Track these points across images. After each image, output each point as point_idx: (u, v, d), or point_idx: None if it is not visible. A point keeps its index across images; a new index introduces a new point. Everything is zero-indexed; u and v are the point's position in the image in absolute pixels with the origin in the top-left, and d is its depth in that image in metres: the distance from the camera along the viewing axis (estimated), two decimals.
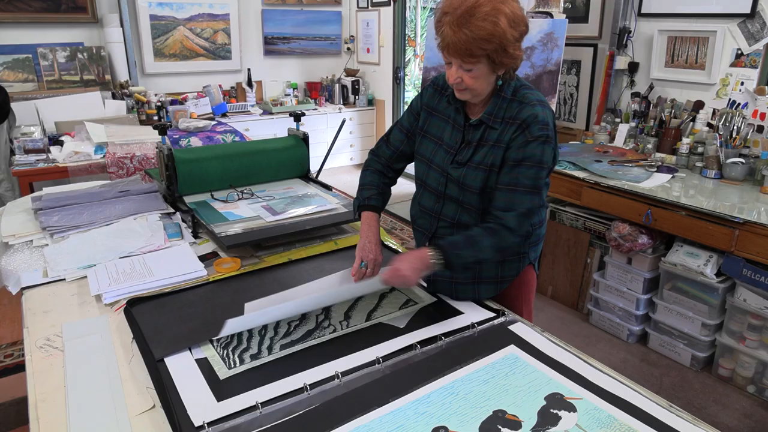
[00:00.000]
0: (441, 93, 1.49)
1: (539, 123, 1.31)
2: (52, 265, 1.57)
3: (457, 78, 1.30)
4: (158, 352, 1.18)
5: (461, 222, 1.45)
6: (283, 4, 5.55)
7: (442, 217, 1.47)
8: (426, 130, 1.50)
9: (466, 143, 1.41)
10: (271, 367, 1.16)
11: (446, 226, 1.47)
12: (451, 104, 1.44)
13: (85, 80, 4.39)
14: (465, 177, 1.39)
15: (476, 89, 1.32)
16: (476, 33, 1.21)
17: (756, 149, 2.68)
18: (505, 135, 1.34)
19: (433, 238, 1.50)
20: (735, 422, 2.32)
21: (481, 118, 1.37)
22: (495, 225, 1.34)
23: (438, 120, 1.48)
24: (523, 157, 1.32)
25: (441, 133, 1.46)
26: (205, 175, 2.00)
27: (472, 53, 1.24)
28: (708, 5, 2.99)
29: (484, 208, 1.41)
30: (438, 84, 1.50)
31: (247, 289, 1.49)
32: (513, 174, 1.33)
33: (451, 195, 1.44)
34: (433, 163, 1.47)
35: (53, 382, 1.12)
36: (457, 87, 1.33)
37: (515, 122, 1.33)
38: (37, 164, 2.97)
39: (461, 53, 1.25)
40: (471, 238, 1.33)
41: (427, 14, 6.25)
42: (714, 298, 2.52)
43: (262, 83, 5.56)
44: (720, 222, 2.34)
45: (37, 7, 4.23)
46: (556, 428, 0.98)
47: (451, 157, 1.42)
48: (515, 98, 1.36)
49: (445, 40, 1.26)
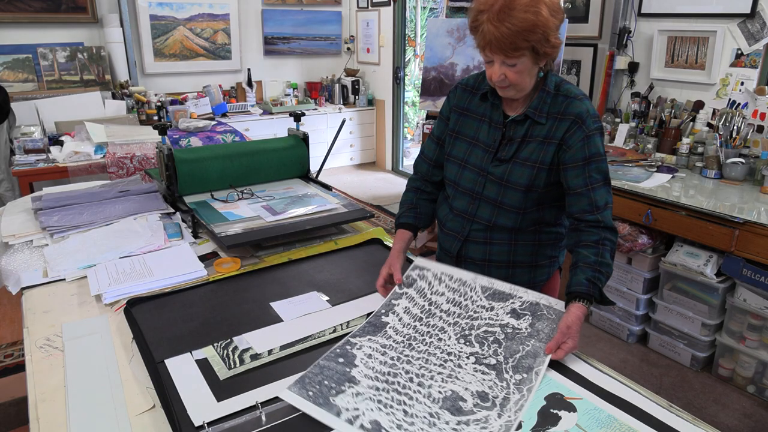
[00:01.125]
0: (472, 92, 1.47)
1: (592, 116, 1.32)
2: (52, 265, 1.57)
3: (501, 75, 1.27)
4: (158, 354, 1.18)
5: (497, 224, 1.42)
6: (283, 4, 5.55)
7: (477, 219, 1.44)
8: (458, 131, 1.48)
9: (508, 140, 1.38)
10: (271, 367, 1.16)
11: (480, 229, 1.44)
12: (486, 101, 1.42)
13: (85, 80, 4.39)
14: (510, 174, 1.37)
15: (520, 84, 1.29)
16: (519, 25, 1.19)
17: (756, 149, 2.68)
18: (557, 131, 1.33)
19: (465, 241, 1.47)
20: (735, 422, 2.32)
21: (527, 113, 1.35)
22: (597, 234, 1.30)
23: (471, 120, 1.46)
24: (589, 155, 1.31)
25: (475, 133, 1.44)
26: (205, 175, 2.00)
27: (517, 46, 1.22)
28: (708, 5, 2.99)
29: (525, 208, 1.38)
30: (468, 84, 1.48)
31: (247, 289, 1.49)
32: (585, 174, 1.32)
33: (488, 196, 1.41)
34: (468, 163, 1.44)
35: (53, 382, 1.12)
36: (500, 84, 1.30)
37: (566, 117, 1.32)
38: (37, 164, 2.97)
39: (505, 48, 1.22)
40: (596, 264, 1.27)
41: (427, 14, 6.25)
42: (714, 298, 2.52)
43: (262, 83, 5.56)
44: (720, 222, 2.34)
45: (37, 7, 4.23)
46: (556, 428, 0.98)
47: (491, 155, 1.40)
48: (559, 93, 1.35)
49: (487, 37, 1.23)
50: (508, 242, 1.44)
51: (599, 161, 1.33)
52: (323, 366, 1.11)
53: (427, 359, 1.16)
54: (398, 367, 1.13)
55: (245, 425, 0.98)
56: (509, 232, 1.43)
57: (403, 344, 1.20)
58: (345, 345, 1.18)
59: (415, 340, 1.22)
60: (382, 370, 1.12)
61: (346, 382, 1.07)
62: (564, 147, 1.33)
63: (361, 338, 1.21)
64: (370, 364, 1.13)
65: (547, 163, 1.35)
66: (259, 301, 1.41)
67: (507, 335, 1.21)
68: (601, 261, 1.28)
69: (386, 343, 1.20)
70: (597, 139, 1.32)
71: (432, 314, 1.29)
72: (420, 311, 1.30)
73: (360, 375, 1.10)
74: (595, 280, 1.25)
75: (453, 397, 1.06)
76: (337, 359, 1.13)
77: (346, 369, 1.11)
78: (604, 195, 1.33)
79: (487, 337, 1.21)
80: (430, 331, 1.24)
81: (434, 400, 1.05)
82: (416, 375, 1.11)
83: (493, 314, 1.27)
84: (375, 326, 1.25)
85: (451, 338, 1.22)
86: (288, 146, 2.21)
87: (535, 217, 1.42)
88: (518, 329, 1.22)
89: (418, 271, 1.41)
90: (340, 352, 1.15)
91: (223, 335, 1.26)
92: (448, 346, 1.20)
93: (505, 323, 1.24)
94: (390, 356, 1.16)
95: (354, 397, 1.04)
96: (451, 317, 1.28)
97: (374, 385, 1.07)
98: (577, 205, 1.34)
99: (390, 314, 1.29)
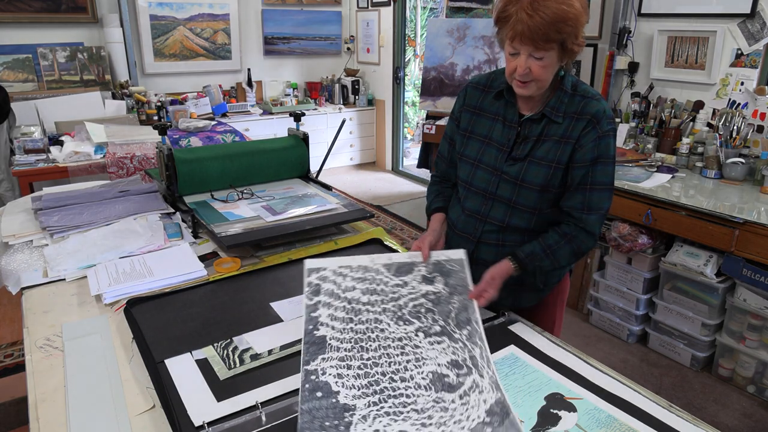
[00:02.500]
0: (484, 91, 1.45)
1: (607, 117, 1.31)
2: (52, 265, 1.57)
3: (526, 68, 1.25)
4: (158, 354, 1.18)
5: (510, 225, 1.41)
6: (283, 4, 5.55)
7: (489, 219, 1.43)
8: (471, 130, 1.46)
9: (523, 138, 1.37)
10: (271, 367, 1.16)
11: (493, 230, 1.43)
12: (500, 99, 1.41)
13: (85, 80, 4.39)
14: (526, 173, 1.35)
15: (543, 80, 1.27)
16: (552, 16, 1.18)
17: (756, 149, 2.68)
18: (573, 131, 1.32)
19: (478, 243, 1.45)
20: (735, 422, 2.32)
21: (544, 112, 1.34)
22: (573, 229, 1.33)
23: (484, 119, 1.44)
24: (598, 155, 1.31)
25: (489, 132, 1.43)
26: (205, 175, 2.00)
27: (548, 38, 1.20)
28: (708, 5, 2.99)
29: (540, 208, 1.38)
30: (480, 83, 1.47)
31: (247, 289, 1.49)
32: (589, 173, 1.31)
33: (502, 195, 1.40)
34: (482, 162, 1.42)
35: (53, 382, 1.12)
36: (522, 79, 1.27)
37: (582, 117, 1.31)
38: (37, 164, 2.97)
39: (536, 39, 1.20)
40: (549, 247, 1.33)
41: (427, 14, 6.25)
42: (714, 298, 2.52)
43: (262, 83, 5.56)
44: (720, 222, 2.34)
45: (37, 7, 4.23)
46: (556, 428, 0.98)
47: (505, 154, 1.39)
48: (576, 92, 1.34)
49: (518, 27, 1.20)
50: (521, 244, 1.41)
51: (606, 163, 1.32)
52: (310, 409, 1.02)
53: (386, 354, 1.16)
54: (372, 374, 1.11)
55: (245, 425, 0.99)
56: (522, 233, 1.41)
57: (355, 349, 1.16)
58: (309, 377, 1.09)
59: (361, 341, 1.19)
60: (362, 383, 1.09)
61: (343, 412, 1.02)
62: (577, 146, 1.32)
63: (314, 362, 1.12)
64: (347, 383, 1.09)
65: (563, 162, 1.33)
66: (259, 301, 1.42)
67: (433, 301, 1.27)
68: (555, 249, 1.33)
69: (341, 356, 1.14)
70: (609, 140, 1.32)
71: (358, 311, 1.24)
72: (345, 313, 1.24)
73: (348, 398, 1.05)
74: (537, 257, 1.34)
75: (436, 377, 1.11)
76: (315, 394, 1.05)
77: (332, 400, 1.04)
78: (602, 199, 1.32)
79: (419, 310, 1.25)
80: (368, 327, 1.22)
81: (426, 388, 1.08)
82: (392, 373, 1.12)
83: (409, 288, 1.29)
84: (316, 345, 1.16)
85: (390, 325, 1.22)
86: (288, 146, 2.21)
87: (549, 218, 1.40)
88: (438, 292, 1.28)
89: (315, 275, 1.30)
90: (312, 387, 1.07)
91: (223, 335, 1.26)
92: (393, 332, 1.21)
93: (424, 292, 1.29)
94: (357, 366, 1.13)
95: (363, 421, 1.01)
96: (376, 306, 1.26)
97: (369, 401, 1.05)
98: (570, 200, 1.35)
99: (320, 327, 1.20)
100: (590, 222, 1.32)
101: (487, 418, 1.02)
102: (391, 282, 1.30)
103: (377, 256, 1.34)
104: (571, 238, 1.33)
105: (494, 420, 1.01)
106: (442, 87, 3.99)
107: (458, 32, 3.89)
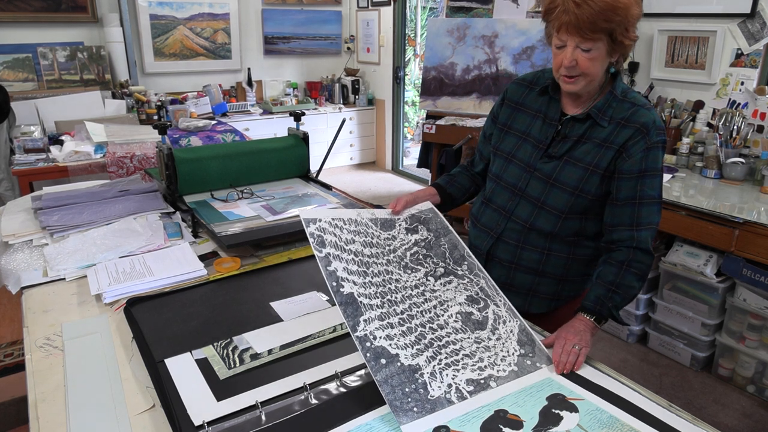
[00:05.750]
0: (529, 87, 1.44)
1: (658, 128, 1.27)
2: (52, 265, 1.57)
3: (572, 60, 1.22)
4: (158, 353, 1.18)
5: (534, 226, 1.37)
6: (283, 4, 5.55)
7: (514, 217, 1.40)
8: (509, 125, 1.44)
9: (562, 137, 1.34)
10: (271, 367, 1.16)
11: (515, 230, 1.40)
12: (544, 95, 1.38)
13: (85, 80, 4.38)
14: (560, 172, 1.32)
15: (591, 74, 1.24)
16: (601, 4, 1.15)
17: (756, 149, 2.68)
18: (618, 137, 1.27)
19: (498, 240, 1.42)
20: (735, 422, 2.32)
21: (589, 113, 1.30)
22: (628, 253, 1.27)
23: (524, 115, 1.42)
24: (646, 167, 1.26)
25: (527, 128, 1.40)
26: (205, 175, 2.00)
27: (596, 27, 1.17)
28: (708, 5, 2.99)
29: (568, 213, 1.34)
30: (525, 79, 1.46)
31: (247, 288, 1.49)
32: (637, 186, 1.27)
33: (530, 193, 1.37)
34: (515, 158, 1.40)
35: (53, 382, 1.12)
36: (569, 73, 1.24)
37: (631, 125, 1.27)
38: (37, 164, 2.97)
39: (584, 28, 1.17)
40: (612, 283, 1.25)
41: (427, 14, 6.25)
42: (714, 298, 2.52)
43: (262, 83, 5.56)
44: (720, 222, 2.34)
45: (37, 6, 4.23)
46: (557, 428, 0.98)
47: (540, 151, 1.36)
48: (626, 99, 1.30)
49: (564, 17, 1.18)
50: (541, 250, 1.39)
51: (654, 176, 1.27)
52: (385, 379, 1.02)
53: (414, 303, 1.19)
54: (413, 328, 1.13)
55: (245, 425, 0.98)
56: (545, 238, 1.38)
57: (386, 305, 1.14)
58: (364, 344, 1.06)
59: (385, 294, 1.17)
60: (411, 340, 1.09)
61: (413, 374, 1.05)
62: (624, 155, 1.27)
63: (360, 328, 1.09)
64: (399, 343, 1.09)
65: (602, 167, 1.29)
66: (259, 301, 1.41)
67: (425, 247, 1.33)
68: (619, 282, 1.25)
69: (378, 314, 1.12)
70: (658, 152, 1.27)
71: (367, 264, 1.22)
72: (357, 266, 1.20)
73: (408, 358, 1.07)
74: (605, 299, 1.25)
75: (465, 317, 1.17)
76: (380, 362, 1.04)
77: (397, 364, 1.05)
78: (652, 213, 1.28)
79: (418, 257, 1.30)
80: (384, 279, 1.21)
81: (463, 330, 1.14)
82: (428, 322, 1.16)
83: (399, 240, 1.33)
84: (351, 306, 1.12)
85: (402, 275, 1.25)
86: (288, 146, 2.20)
87: (576, 226, 1.36)
88: (426, 239, 1.35)
89: (313, 226, 1.23)
90: (373, 355, 1.05)
91: (223, 335, 1.26)
92: (408, 281, 1.23)
93: (414, 241, 1.34)
94: (396, 322, 1.12)
95: (434, 379, 1.05)
96: (380, 258, 1.25)
97: (426, 357, 1.08)
98: (618, 217, 1.29)
99: (344, 283, 1.15)
100: (642, 239, 1.26)
101: (521, 350, 1.08)
102: (381, 235, 1.32)
103: (362, 210, 1.37)
104: (629, 263, 1.26)
105: (527, 350, 1.08)
106: (442, 87, 3.99)
107: (458, 32, 3.89)
